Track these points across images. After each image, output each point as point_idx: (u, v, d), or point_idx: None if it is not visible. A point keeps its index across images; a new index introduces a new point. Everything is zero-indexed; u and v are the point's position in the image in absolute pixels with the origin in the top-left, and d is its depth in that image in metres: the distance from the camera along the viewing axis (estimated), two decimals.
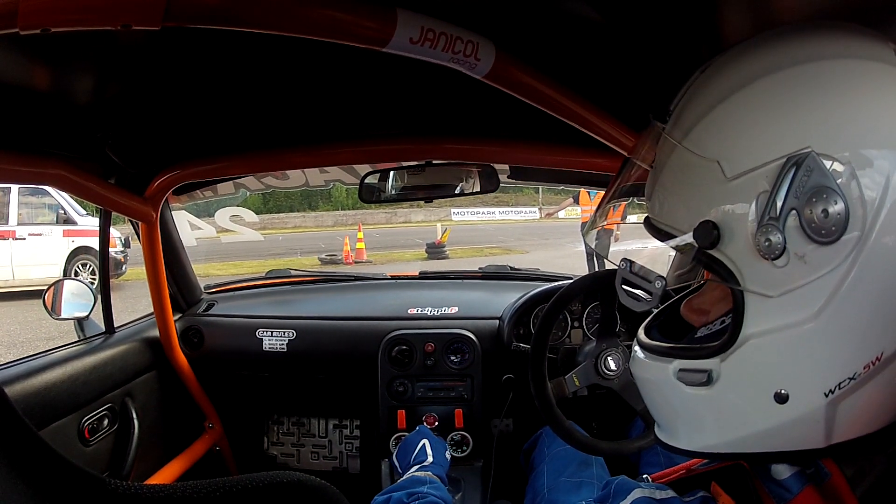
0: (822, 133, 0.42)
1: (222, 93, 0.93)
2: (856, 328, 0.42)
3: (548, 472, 1.15)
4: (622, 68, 0.79)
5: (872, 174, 0.40)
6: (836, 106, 0.42)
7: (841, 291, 0.41)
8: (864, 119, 0.42)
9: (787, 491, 0.45)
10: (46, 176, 0.93)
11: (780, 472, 0.46)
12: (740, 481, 0.47)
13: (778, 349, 0.44)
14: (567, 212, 9.25)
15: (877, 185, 0.40)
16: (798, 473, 0.45)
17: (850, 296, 0.41)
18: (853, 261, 0.40)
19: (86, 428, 1.16)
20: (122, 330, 1.43)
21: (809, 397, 0.43)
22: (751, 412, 0.46)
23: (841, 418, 0.43)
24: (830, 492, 0.43)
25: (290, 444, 1.74)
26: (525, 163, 1.28)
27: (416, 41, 0.57)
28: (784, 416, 0.44)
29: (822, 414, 0.43)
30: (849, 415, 0.43)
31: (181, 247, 1.58)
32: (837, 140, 0.41)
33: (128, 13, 0.45)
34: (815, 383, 0.43)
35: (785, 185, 0.41)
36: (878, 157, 0.41)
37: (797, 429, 0.45)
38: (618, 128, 0.88)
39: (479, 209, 20.31)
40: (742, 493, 0.46)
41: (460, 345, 1.49)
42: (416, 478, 0.89)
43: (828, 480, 0.44)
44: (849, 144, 0.41)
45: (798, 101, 0.43)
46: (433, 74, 0.72)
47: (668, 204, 0.49)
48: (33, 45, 0.64)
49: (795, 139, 0.42)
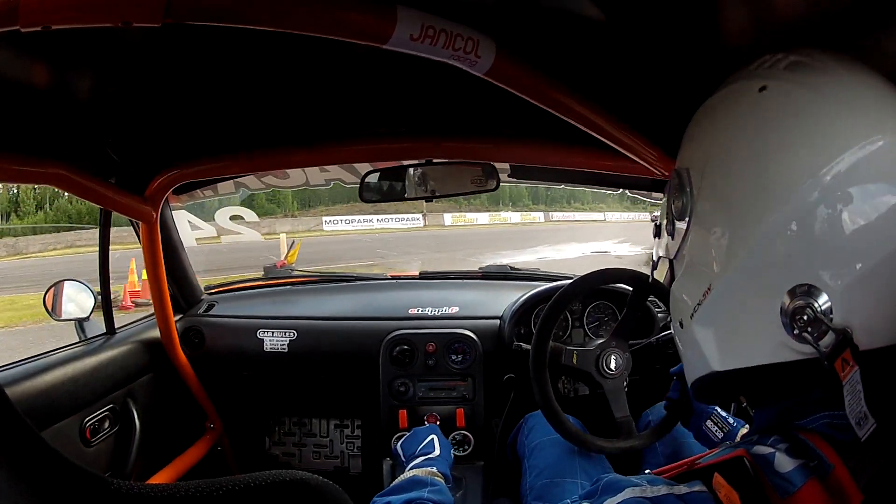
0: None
1: (222, 91, 0.93)
2: (692, 269, 0.56)
3: (529, 468, 1.16)
4: (622, 67, 0.79)
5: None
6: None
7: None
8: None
9: (791, 483, 0.45)
10: (46, 175, 0.93)
11: (782, 464, 0.46)
12: (743, 475, 0.47)
13: (675, 289, 0.60)
14: (454, 217, 8.22)
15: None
16: (801, 466, 0.45)
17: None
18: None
19: (87, 428, 1.16)
20: (123, 331, 1.43)
21: (686, 321, 0.57)
22: (676, 342, 0.62)
23: (705, 341, 0.54)
24: (834, 484, 0.43)
25: (291, 443, 1.74)
26: (526, 161, 1.28)
27: (417, 38, 0.57)
28: (683, 341, 0.59)
29: (694, 335, 0.56)
30: (709, 337, 0.54)
31: (181, 247, 1.58)
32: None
33: (128, 10, 0.45)
34: (686, 309, 0.57)
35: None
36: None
37: (694, 352, 0.56)
38: (618, 127, 0.88)
39: (354, 217, 18.00)
40: (745, 486, 0.46)
41: (461, 344, 1.48)
42: (417, 478, 0.84)
43: (831, 472, 0.44)
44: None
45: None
46: (434, 72, 0.72)
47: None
48: (34, 43, 0.63)
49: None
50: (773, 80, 0.50)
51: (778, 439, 0.49)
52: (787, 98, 0.48)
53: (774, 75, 0.50)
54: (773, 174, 0.47)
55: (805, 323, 0.44)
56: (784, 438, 0.49)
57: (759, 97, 0.50)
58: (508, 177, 1.45)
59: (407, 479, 0.85)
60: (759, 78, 0.51)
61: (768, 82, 0.50)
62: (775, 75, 0.50)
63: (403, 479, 0.85)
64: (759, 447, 0.50)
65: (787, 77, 0.49)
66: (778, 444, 0.48)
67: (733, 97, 0.54)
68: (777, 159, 0.47)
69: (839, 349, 0.42)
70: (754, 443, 0.51)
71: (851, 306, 0.43)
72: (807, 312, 0.44)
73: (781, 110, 0.48)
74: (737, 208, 0.50)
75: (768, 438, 0.50)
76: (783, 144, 0.47)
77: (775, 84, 0.49)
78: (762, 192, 0.47)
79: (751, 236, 0.48)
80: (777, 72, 0.50)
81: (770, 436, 0.50)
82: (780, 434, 0.50)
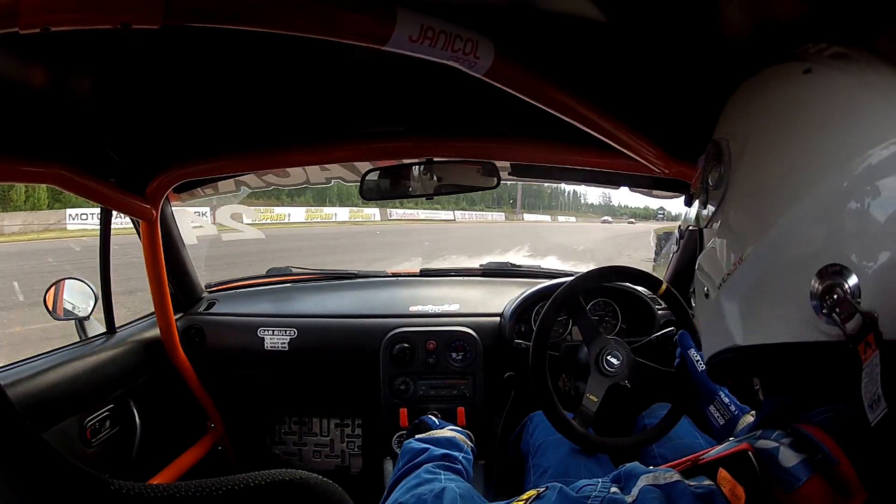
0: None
1: (222, 91, 0.92)
2: (725, 239, 0.57)
3: (533, 467, 1.16)
4: (622, 66, 0.79)
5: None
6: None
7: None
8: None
9: (795, 478, 0.45)
10: (47, 175, 0.93)
11: (787, 459, 0.46)
12: (748, 469, 0.47)
13: (704, 258, 0.61)
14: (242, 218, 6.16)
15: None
16: (805, 461, 0.45)
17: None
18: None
19: (88, 428, 1.16)
20: (123, 330, 1.43)
21: (713, 291, 0.58)
22: (697, 314, 0.63)
23: (731, 313, 0.54)
24: (838, 479, 0.43)
25: (292, 443, 1.75)
26: (526, 160, 1.28)
27: (416, 39, 0.57)
28: (707, 312, 0.59)
29: (720, 306, 0.56)
30: (735, 310, 0.54)
31: (182, 245, 1.58)
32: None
33: (127, 12, 0.45)
34: (714, 279, 0.57)
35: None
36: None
37: (718, 324, 0.56)
38: (618, 125, 0.87)
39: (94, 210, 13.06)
40: (751, 481, 0.47)
41: (462, 342, 1.49)
42: (455, 441, 0.84)
43: (835, 467, 0.44)
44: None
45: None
46: (433, 72, 0.71)
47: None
48: (33, 44, 0.63)
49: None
50: (817, 65, 0.51)
51: (782, 433, 0.49)
52: (832, 82, 0.49)
53: (819, 60, 0.51)
54: (813, 154, 0.48)
55: (834, 303, 0.44)
56: (788, 433, 0.49)
57: (804, 78, 0.51)
58: (509, 174, 1.45)
59: (446, 437, 0.85)
60: (804, 61, 0.52)
61: (813, 66, 0.51)
62: (820, 60, 0.51)
63: (442, 436, 0.85)
64: (763, 441, 0.50)
65: (832, 63, 0.50)
66: (782, 439, 0.48)
67: (778, 76, 0.55)
68: (818, 140, 0.48)
69: (864, 332, 0.42)
70: (758, 437, 0.51)
71: (880, 292, 0.42)
72: (836, 293, 0.44)
73: (826, 93, 0.49)
74: (775, 184, 0.50)
75: (772, 432, 0.50)
76: (825, 126, 0.48)
77: (821, 69, 0.50)
78: (802, 171, 0.48)
79: (787, 212, 0.48)
80: (823, 58, 0.51)
81: (774, 430, 0.50)
82: (783, 428, 0.50)
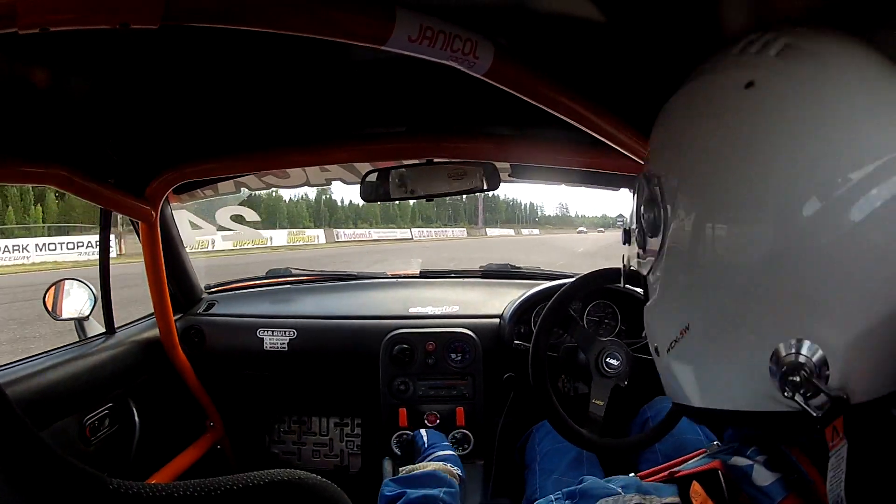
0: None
1: (222, 92, 0.92)
2: (667, 299, 0.50)
3: (539, 471, 1.15)
4: (622, 66, 0.79)
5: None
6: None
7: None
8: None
9: (769, 498, 0.43)
10: (47, 176, 0.93)
11: (761, 478, 0.44)
12: (719, 486, 0.46)
13: (649, 312, 0.54)
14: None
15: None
16: (780, 480, 0.43)
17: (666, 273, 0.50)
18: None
19: (87, 427, 1.16)
20: (123, 330, 1.43)
21: (662, 352, 0.51)
22: (657, 365, 0.55)
23: (683, 375, 0.49)
24: (814, 499, 0.42)
25: (291, 442, 1.75)
26: (526, 161, 1.28)
27: (415, 39, 0.57)
28: (661, 367, 0.53)
29: (671, 368, 0.50)
30: (688, 373, 0.49)
31: (181, 246, 1.58)
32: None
33: (126, 12, 0.45)
34: (661, 340, 0.51)
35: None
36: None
37: (673, 382, 0.52)
38: (619, 126, 0.87)
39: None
40: (721, 499, 0.45)
41: (461, 343, 1.49)
42: (438, 475, 0.79)
43: (811, 487, 0.42)
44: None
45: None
46: (434, 73, 0.72)
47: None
48: (32, 44, 0.63)
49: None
50: (761, 73, 0.42)
51: (756, 450, 0.47)
52: (777, 99, 0.41)
53: (763, 65, 0.43)
54: (763, 195, 0.39)
55: (797, 384, 0.38)
56: (762, 450, 0.47)
57: (744, 95, 0.42)
58: (509, 176, 1.45)
59: (427, 471, 0.81)
60: (746, 68, 0.43)
61: (756, 76, 0.42)
62: (764, 65, 0.43)
63: (424, 472, 0.82)
64: (737, 458, 0.48)
65: (778, 69, 0.42)
66: (756, 456, 0.46)
67: (715, 92, 0.46)
68: (767, 177, 0.39)
69: (832, 414, 0.38)
70: (733, 452, 0.49)
71: (851, 365, 0.38)
72: (800, 373, 0.38)
73: (771, 114, 0.41)
74: (720, 238, 0.42)
75: (747, 449, 0.48)
76: (773, 158, 0.39)
77: (764, 78, 0.42)
78: (752, 221, 0.40)
79: (736, 272, 0.41)
80: (766, 60, 0.43)
81: (749, 446, 0.48)
82: (759, 444, 0.48)
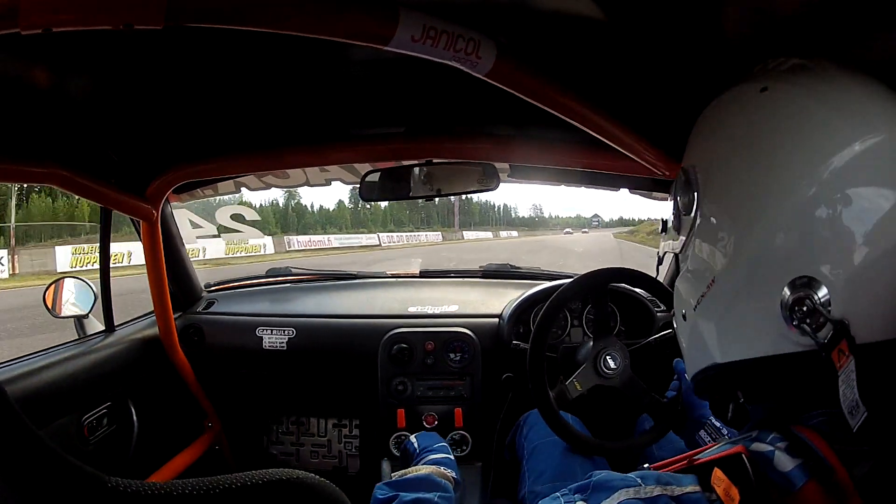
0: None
1: (223, 92, 0.93)
2: (697, 263, 0.59)
3: (529, 470, 1.15)
4: (623, 67, 0.79)
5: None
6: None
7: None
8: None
9: (791, 483, 0.46)
10: (47, 176, 0.93)
11: (782, 463, 0.47)
12: (743, 472, 0.48)
13: (679, 282, 0.63)
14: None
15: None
16: (801, 465, 0.46)
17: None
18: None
19: (85, 426, 1.16)
20: (122, 328, 1.43)
21: (689, 313, 0.60)
22: (679, 336, 0.65)
23: (708, 332, 0.56)
24: (833, 484, 0.44)
25: (289, 443, 1.74)
26: (526, 161, 1.28)
27: (418, 39, 0.57)
28: (686, 332, 0.61)
29: (697, 327, 0.58)
30: (711, 329, 0.55)
31: (181, 245, 1.58)
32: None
33: (129, 13, 0.45)
34: (689, 301, 0.59)
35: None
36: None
37: (696, 344, 0.58)
38: (619, 127, 0.87)
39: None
40: (745, 482, 0.47)
41: (460, 343, 1.49)
42: (431, 479, 0.78)
43: (830, 472, 0.45)
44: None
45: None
46: (435, 73, 0.72)
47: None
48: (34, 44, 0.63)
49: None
50: (773, 82, 0.52)
51: (777, 437, 0.49)
52: (786, 99, 0.50)
53: (776, 77, 0.52)
54: (774, 172, 0.49)
55: (804, 314, 0.45)
56: (783, 436, 0.49)
57: (760, 97, 0.52)
58: (508, 176, 1.45)
59: (421, 475, 0.80)
60: (762, 79, 0.53)
61: (769, 83, 0.52)
62: (777, 77, 0.52)
63: (417, 475, 0.80)
64: (758, 444, 0.50)
65: (789, 79, 0.51)
66: (777, 443, 0.49)
67: (736, 98, 0.56)
68: (777, 157, 0.49)
69: (836, 340, 0.43)
70: (753, 439, 0.51)
71: (850, 299, 0.43)
72: (805, 304, 0.45)
73: (781, 110, 0.50)
74: (739, 205, 0.52)
75: (767, 435, 0.50)
76: (782, 143, 0.49)
77: (776, 85, 0.51)
78: (763, 189, 0.49)
79: (752, 231, 0.50)
80: (779, 74, 0.52)
81: (769, 433, 0.51)
82: (778, 431, 0.50)
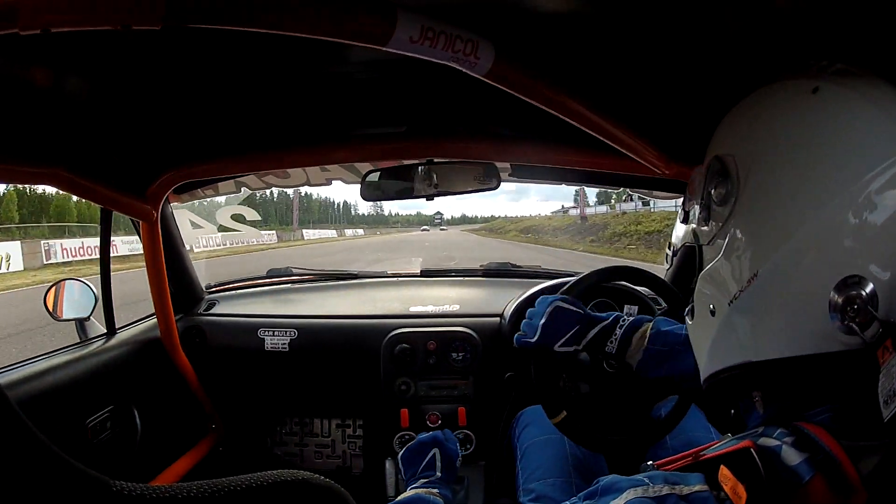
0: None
1: (223, 92, 0.92)
2: (734, 256, 0.57)
3: (521, 468, 1.14)
4: (621, 67, 0.79)
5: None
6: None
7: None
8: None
9: (798, 477, 0.46)
10: (47, 176, 0.93)
11: (789, 458, 0.47)
12: (751, 467, 0.48)
13: (708, 275, 0.61)
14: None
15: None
16: (808, 460, 0.46)
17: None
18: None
19: (89, 429, 1.16)
20: (124, 331, 1.43)
21: (722, 308, 0.58)
22: (696, 332, 0.64)
23: (743, 329, 0.55)
24: (840, 479, 0.44)
25: (293, 443, 1.74)
26: (526, 160, 1.28)
27: (417, 40, 0.57)
28: (714, 328, 0.59)
29: (731, 323, 0.57)
30: (748, 326, 0.55)
31: (182, 246, 1.58)
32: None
33: (128, 13, 0.45)
34: (723, 296, 0.58)
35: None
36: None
37: (726, 341, 0.57)
38: (619, 127, 0.87)
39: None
40: (752, 479, 0.47)
41: (462, 343, 1.49)
42: (422, 498, 0.83)
43: (837, 467, 0.45)
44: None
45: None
46: (434, 73, 0.72)
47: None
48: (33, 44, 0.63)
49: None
50: (825, 83, 0.52)
51: (784, 432, 0.50)
52: (840, 100, 0.51)
53: (826, 78, 0.53)
54: (828, 171, 0.50)
55: (854, 313, 0.45)
56: (790, 431, 0.49)
57: (812, 98, 0.53)
58: (510, 176, 1.45)
59: (409, 497, 0.84)
60: (811, 79, 0.53)
61: (820, 84, 0.52)
62: (826, 78, 0.53)
63: (406, 497, 0.85)
64: (764, 439, 0.50)
65: (839, 81, 0.52)
66: (784, 438, 0.49)
67: (785, 94, 0.56)
68: (830, 158, 0.50)
69: (883, 337, 0.44)
70: (760, 434, 0.51)
71: (894, 298, 0.45)
72: (857, 303, 0.45)
73: (836, 111, 0.51)
74: (789, 201, 0.52)
75: (774, 431, 0.50)
76: (837, 144, 0.50)
77: (828, 87, 0.52)
78: (815, 188, 0.50)
79: (801, 229, 0.50)
80: (827, 75, 0.53)
81: (775, 428, 0.51)
82: (784, 427, 0.50)
